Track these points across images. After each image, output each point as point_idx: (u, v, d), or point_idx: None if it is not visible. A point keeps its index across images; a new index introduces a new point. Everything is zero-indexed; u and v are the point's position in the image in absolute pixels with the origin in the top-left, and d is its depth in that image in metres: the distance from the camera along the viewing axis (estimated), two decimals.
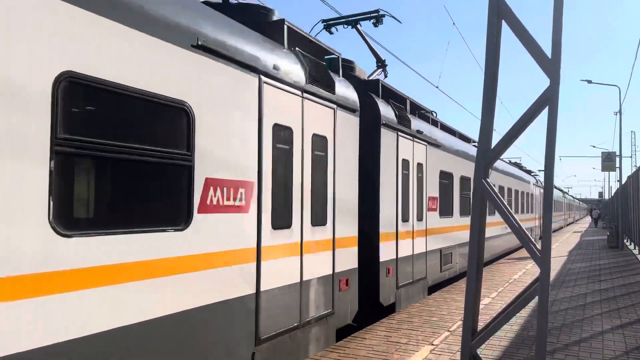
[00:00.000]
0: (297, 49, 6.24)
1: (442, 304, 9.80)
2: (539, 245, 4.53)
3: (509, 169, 19.95)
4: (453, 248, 11.91)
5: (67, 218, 3.36)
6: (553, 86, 4.52)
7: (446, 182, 11.55)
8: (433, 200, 10.63)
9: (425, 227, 10.14)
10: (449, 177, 11.81)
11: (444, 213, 11.35)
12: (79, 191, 3.50)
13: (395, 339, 7.24)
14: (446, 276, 11.54)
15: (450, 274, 11.84)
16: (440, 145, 11.12)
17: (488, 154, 4.85)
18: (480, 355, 5.10)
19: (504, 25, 4.81)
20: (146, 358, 3.88)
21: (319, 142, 6.38)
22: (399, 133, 8.85)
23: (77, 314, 3.38)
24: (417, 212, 9.73)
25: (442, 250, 11.11)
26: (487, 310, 9.18)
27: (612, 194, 46.46)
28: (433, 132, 10.89)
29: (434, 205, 10.71)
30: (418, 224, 9.78)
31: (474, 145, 14.71)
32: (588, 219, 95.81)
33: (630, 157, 37.89)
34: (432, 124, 11.49)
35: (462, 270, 12.48)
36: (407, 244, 9.18)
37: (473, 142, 15.53)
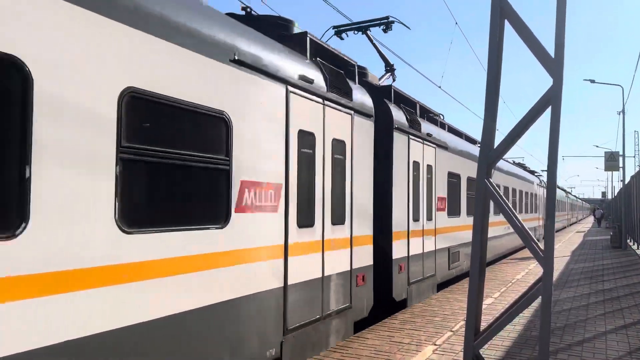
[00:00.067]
0: (318, 59, 6.72)
1: (445, 303, 9.86)
2: (542, 245, 4.52)
3: (513, 169, 20.42)
4: (460, 247, 12.38)
5: (129, 217, 3.83)
6: (556, 86, 4.51)
7: (454, 182, 12.04)
8: (441, 200, 11.12)
9: (434, 227, 10.63)
10: (457, 178, 12.29)
11: (451, 213, 11.83)
12: (138, 193, 3.97)
13: (398, 339, 7.30)
14: (454, 274, 12.01)
15: (458, 272, 12.31)
16: (448, 147, 11.60)
17: (491, 154, 4.85)
18: (483, 356, 5.13)
19: (507, 24, 4.80)
20: (194, 342, 4.36)
21: (338, 147, 6.85)
22: (410, 136, 9.33)
23: (138, 302, 3.86)
24: (426, 212, 10.21)
25: (450, 249, 11.59)
26: (490, 310, 9.21)
27: (615, 194, 46.83)
28: (441, 135, 11.38)
29: (442, 206, 11.20)
30: (428, 224, 10.27)
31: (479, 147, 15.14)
32: (591, 219, 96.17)
33: (634, 156, 38.24)
34: (440, 126, 11.98)
35: (469, 268, 12.91)
36: (417, 242, 9.67)
37: (478, 144, 15.98)
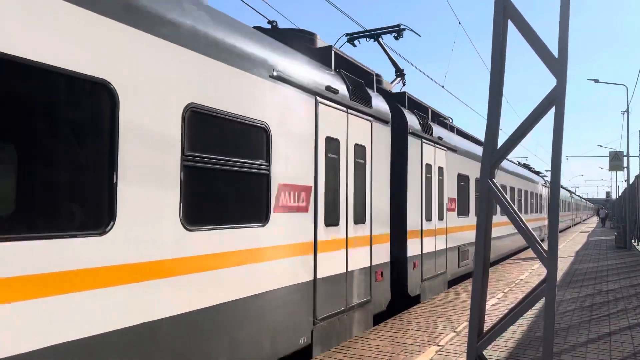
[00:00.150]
0: (341, 70, 7.34)
1: (448, 304, 9.98)
2: (545, 245, 4.55)
3: (518, 170, 21.04)
4: (469, 245, 13.01)
5: (190, 216, 4.45)
6: (560, 86, 4.53)
7: (463, 184, 12.67)
8: (452, 201, 11.76)
9: (445, 226, 11.26)
10: (465, 180, 12.92)
11: (461, 213, 12.46)
12: (197, 196, 4.58)
13: (401, 340, 7.39)
14: (463, 271, 12.65)
15: (467, 270, 12.94)
16: (458, 150, 12.23)
17: (494, 154, 4.89)
18: (487, 356, 5.06)
19: (510, 24, 4.82)
20: (241, 328, 4.99)
21: (360, 151, 7.47)
22: (423, 140, 9.95)
23: (198, 291, 4.48)
24: (438, 212, 10.85)
25: (459, 247, 12.23)
26: (493, 311, 9.28)
27: (620, 194, 47.37)
28: (451, 138, 12.01)
29: (453, 206, 11.84)
30: (439, 223, 10.90)
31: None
32: (595, 219, 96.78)
33: (638, 156, 38.64)
34: (449, 130, 12.61)
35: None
36: (429, 241, 10.30)
37: None
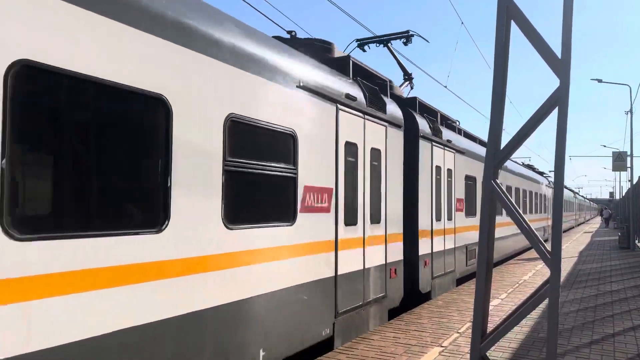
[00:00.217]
0: (358, 78, 7.85)
1: (452, 304, 10.08)
2: (549, 245, 4.54)
3: (523, 171, 21.57)
4: (476, 245, 13.47)
5: (231, 216, 4.95)
6: (563, 86, 4.54)
7: (470, 185, 13.18)
8: (460, 201, 12.28)
9: (453, 226, 11.77)
10: (473, 181, 13.43)
11: (468, 213, 12.97)
12: (236, 197, 5.07)
13: (404, 341, 7.45)
14: (471, 270, 13.16)
15: (475, 268, 13.45)
16: (465, 152, 12.75)
17: (497, 155, 4.92)
18: (490, 358, 5.11)
19: (513, 25, 4.85)
20: (272, 318, 5.50)
21: (375, 155, 7.98)
22: (433, 143, 10.46)
23: (237, 284, 4.99)
24: (447, 213, 11.35)
25: (467, 246, 12.74)
26: (497, 311, 9.37)
27: (623, 194, 47.80)
28: (459, 141, 12.53)
29: (461, 206, 12.36)
30: (448, 223, 11.41)
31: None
32: (598, 219, 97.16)
33: None
34: (457, 132, 13.14)
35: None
36: (439, 240, 10.81)
37: None
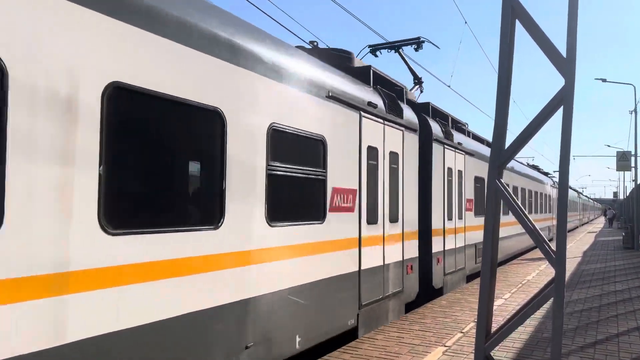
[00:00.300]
0: (378, 86, 8.46)
1: (455, 304, 10.22)
2: (554, 245, 4.57)
3: (528, 171, 22.20)
4: None
5: (272, 215, 5.55)
6: (568, 86, 4.54)
7: (479, 186, 13.80)
8: (469, 202, 12.91)
9: (464, 225, 12.40)
10: (481, 182, 14.06)
11: (478, 213, 13.60)
12: (276, 197, 5.68)
13: (408, 340, 7.53)
14: (480, 267, 13.76)
15: None
16: (474, 154, 13.37)
17: (502, 154, 4.95)
18: (494, 357, 5.15)
19: (518, 24, 4.87)
20: (306, 308, 6.13)
21: (393, 158, 8.59)
22: (445, 146, 11.08)
23: (278, 275, 5.60)
24: (457, 212, 11.98)
25: (476, 245, 13.37)
26: (501, 311, 9.46)
27: (627, 194, 48.30)
28: (469, 143, 13.16)
29: (470, 206, 12.99)
30: (459, 222, 12.04)
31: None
32: (602, 219, 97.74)
33: None
34: (467, 135, 13.76)
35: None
36: (451, 239, 11.43)
37: None
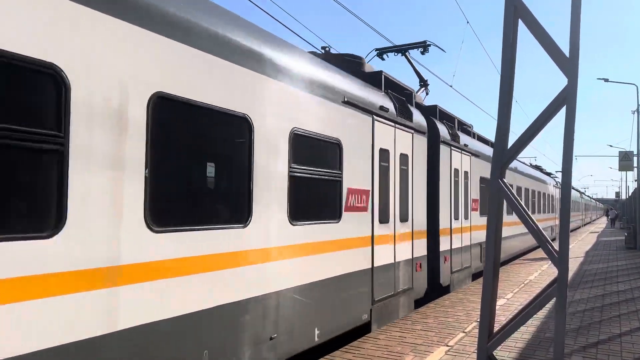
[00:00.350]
0: (389, 91, 8.85)
1: (458, 304, 10.29)
2: (556, 245, 4.60)
3: (531, 172, 22.61)
4: None
5: (294, 214, 5.94)
6: (571, 85, 4.52)
7: (484, 186, 14.20)
8: (475, 202, 13.31)
9: (470, 224, 12.80)
10: (487, 182, 14.46)
11: (483, 213, 14.00)
12: (297, 198, 6.06)
13: (411, 340, 7.58)
14: None
15: None
16: (480, 155, 13.77)
17: (504, 154, 4.97)
18: (496, 357, 5.27)
19: (520, 24, 4.87)
20: (326, 300, 6.53)
21: (403, 159, 8.98)
22: (452, 148, 11.48)
23: (299, 271, 5.99)
24: (464, 212, 12.38)
25: (482, 244, 13.76)
26: (503, 311, 9.54)
27: (630, 194, 48.65)
28: (474, 144, 13.56)
29: (476, 206, 13.39)
30: (465, 222, 12.44)
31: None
32: (604, 219, 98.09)
33: None
34: (472, 137, 14.16)
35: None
36: (457, 238, 11.83)
37: None
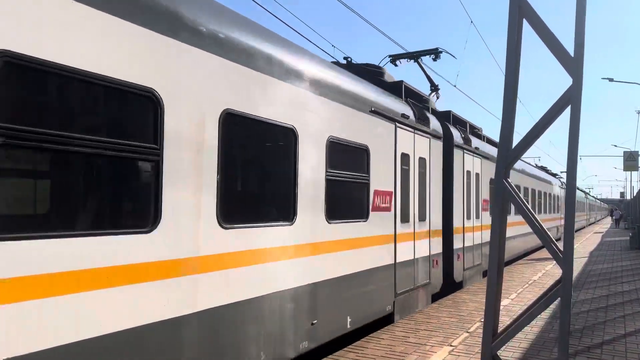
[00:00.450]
0: (409, 99, 9.58)
1: (461, 304, 10.41)
2: (561, 245, 4.63)
3: (537, 172, 23.32)
4: None
5: (330, 213, 6.67)
6: (576, 85, 4.52)
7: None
8: (485, 202, 14.06)
9: (480, 224, 13.55)
10: None
11: None
12: (332, 199, 6.77)
13: (414, 340, 7.68)
14: None
15: None
16: (490, 157, 14.49)
17: (509, 154, 5.01)
18: (501, 357, 5.29)
19: (525, 23, 4.88)
20: (356, 292, 7.27)
21: (422, 163, 9.71)
22: (464, 151, 12.22)
23: (334, 264, 6.71)
24: (475, 212, 13.12)
25: None
26: (507, 311, 9.66)
27: (634, 194, 49.19)
28: (484, 147, 14.30)
29: (486, 206, 14.14)
30: (476, 221, 13.19)
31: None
32: (609, 220, 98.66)
33: None
34: (482, 140, 14.88)
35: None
36: (469, 236, 12.58)
37: None
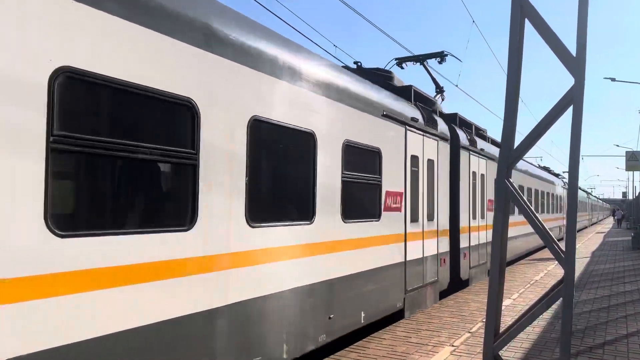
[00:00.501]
0: (418, 103, 9.93)
1: (463, 304, 10.47)
2: (563, 245, 4.62)
3: (540, 173, 23.70)
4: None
5: (345, 213, 7.00)
6: (578, 85, 4.52)
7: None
8: (491, 202, 14.42)
9: (486, 223, 13.92)
10: None
11: None
12: (347, 199, 7.09)
13: (416, 340, 7.68)
14: None
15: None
16: (494, 159, 14.86)
17: (511, 154, 5.02)
18: (502, 357, 5.26)
19: (527, 23, 4.89)
20: (369, 289, 7.60)
21: (430, 164, 10.07)
22: (470, 152, 12.58)
23: (350, 261, 7.05)
24: (480, 212, 13.47)
25: None
26: (508, 311, 9.69)
27: (637, 194, 49.44)
28: (489, 148, 14.66)
29: (491, 207, 14.48)
30: (481, 221, 13.56)
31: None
32: (611, 220, 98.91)
33: None
34: (487, 141, 15.24)
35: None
36: (475, 236, 12.94)
37: None
